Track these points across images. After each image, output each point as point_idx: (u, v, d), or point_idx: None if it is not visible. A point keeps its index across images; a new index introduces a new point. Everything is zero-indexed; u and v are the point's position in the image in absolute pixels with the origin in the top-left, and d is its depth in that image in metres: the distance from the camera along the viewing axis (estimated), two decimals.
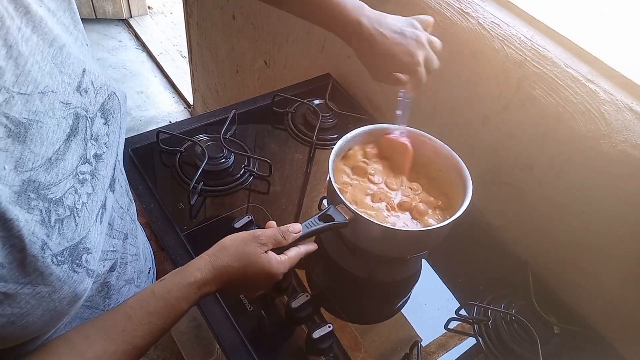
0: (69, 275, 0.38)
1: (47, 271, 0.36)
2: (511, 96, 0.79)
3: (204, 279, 0.51)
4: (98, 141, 0.43)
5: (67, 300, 0.39)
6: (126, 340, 0.44)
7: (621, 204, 0.70)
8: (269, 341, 0.69)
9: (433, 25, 0.72)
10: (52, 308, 0.38)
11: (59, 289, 0.38)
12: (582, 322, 0.79)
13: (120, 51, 2.78)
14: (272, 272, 0.55)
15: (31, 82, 0.34)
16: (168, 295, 0.48)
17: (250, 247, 0.54)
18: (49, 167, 0.36)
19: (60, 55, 0.37)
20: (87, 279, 0.41)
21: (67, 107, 0.38)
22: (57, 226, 0.37)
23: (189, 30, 1.98)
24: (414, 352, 0.70)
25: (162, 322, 0.47)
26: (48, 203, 0.36)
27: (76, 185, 0.39)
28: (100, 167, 0.43)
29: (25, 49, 0.33)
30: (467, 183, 0.71)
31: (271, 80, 1.50)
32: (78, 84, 0.39)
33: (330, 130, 1.01)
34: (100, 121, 0.43)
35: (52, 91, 0.36)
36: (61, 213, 0.37)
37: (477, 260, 0.86)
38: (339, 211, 0.65)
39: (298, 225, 0.60)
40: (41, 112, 0.35)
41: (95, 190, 0.42)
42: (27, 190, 0.34)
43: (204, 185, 0.85)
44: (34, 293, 0.36)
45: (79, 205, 0.39)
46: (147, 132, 0.92)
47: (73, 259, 0.39)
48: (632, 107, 0.66)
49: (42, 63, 0.35)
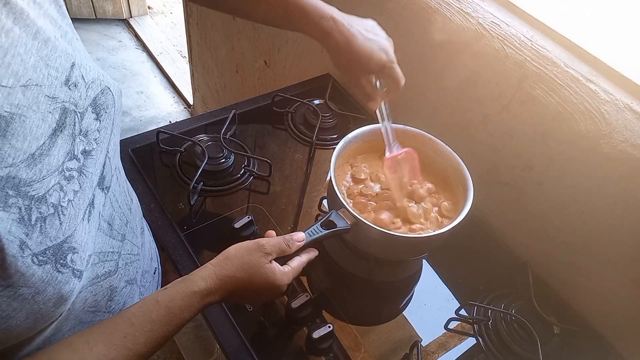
0: (53, 275, 0.37)
1: (28, 272, 0.35)
2: (511, 96, 0.79)
3: (207, 288, 0.50)
4: (87, 137, 0.41)
5: (52, 302, 0.38)
6: (127, 347, 0.44)
7: (621, 204, 0.70)
8: (269, 341, 0.69)
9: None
10: (36, 310, 0.37)
11: (43, 290, 0.37)
12: (582, 322, 0.79)
13: (120, 51, 2.78)
14: (276, 283, 0.55)
15: (12, 75, 0.33)
16: (171, 303, 0.48)
17: (254, 256, 0.54)
18: (32, 163, 0.35)
19: (46, 48, 0.36)
20: (73, 279, 0.40)
21: (53, 102, 0.36)
22: (38, 224, 0.35)
23: (189, 30, 1.98)
24: (414, 352, 0.70)
25: (164, 330, 0.47)
26: (29, 200, 0.35)
27: (62, 182, 0.38)
28: (89, 164, 0.42)
29: (5, 41, 0.32)
30: (468, 183, 0.71)
31: (271, 80, 1.50)
32: (66, 78, 0.38)
33: (330, 130, 1.01)
34: (91, 116, 0.41)
35: (36, 84, 0.35)
36: (44, 211, 0.36)
37: (477, 260, 0.86)
38: (340, 216, 0.65)
39: (301, 234, 0.60)
40: (24, 105, 0.34)
41: (83, 187, 0.41)
42: (5, 187, 0.33)
43: (204, 185, 0.85)
44: (16, 295, 0.35)
45: (64, 203, 0.38)
46: (147, 132, 0.92)
47: (57, 259, 0.37)
48: (632, 107, 0.66)
49: (24, 56, 0.34)
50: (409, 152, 0.74)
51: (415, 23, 0.90)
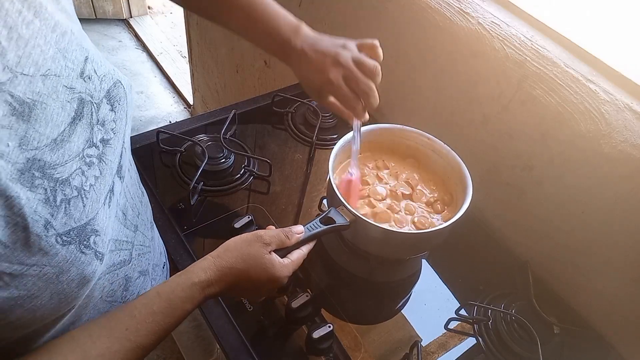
0: (76, 256, 0.38)
1: (52, 251, 0.36)
2: (511, 96, 0.79)
3: (208, 279, 0.51)
4: (105, 126, 0.43)
5: (75, 283, 0.39)
6: (130, 339, 0.44)
7: (621, 204, 0.70)
8: (269, 341, 0.69)
9: (375, 48, 0.64)
10: (60, 290, 0.38)
11: (66, 270, 0.38)
12: (582, 322, 0.79)
13: (120, 51, 2.78)
14: (276, 274, 0.55)
15: (32, 64, 0.34)
16: (172, 295, 0.49)
17: (254, 247, 0.55)
18: (55, 148, 0.36)
19: (63, 41, 0.37)
20: (95, 260, 0.41)
21: (71, 92, 0.38)
22: (63, 206, 0.37)
23: (189, 30, 1.98)
24: (414, 352, 0.70)
25: (165, 322, 0.47)
26: (54, 182, 0.36)
27: (83, 167, 0.39)
28: (108, 152, 0.43)
29: (26, 32, 0.34)
30: (467, 183, 0.71)
31: (271, 80, 1.50)
32: (81, 71, 0.39)
33: (330, 130, 1.01)
34: (107, 107, 0.43)
35: (55, 75, 0.36)
36: (68, 193, 0.37)
37: (477, 260, 0.86)
38: (339, 213, 0.66)
39: (300, 227, 0.60)
40: (45, 94, 0.35)
41: (103, 173, 0.42)
42: (32, 168, 0.34)
43: (204, 185, 0.85)
44: (41, 274, 0.36)
45: (86, 187, 0.39)
46: (147, 132, 0.92)
47: (81, 240, 0.39)
48: (632, 107, 0.66)
49: (44, 47, 0.35)
50: (356, 181, 0.73)
51: (415, 23, 0.90)
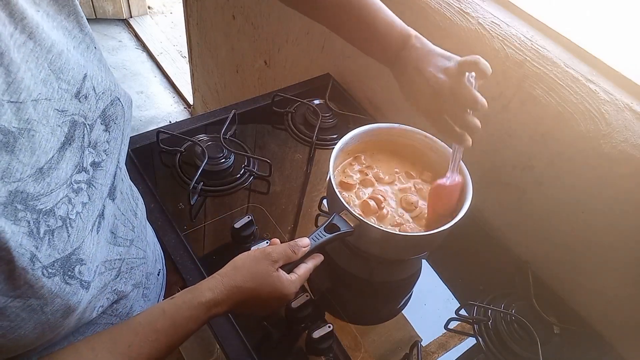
0: (61, 287, 0.38)
1: (37, 284, 0.35)
2: (511, 96, 0.79)
3: (214, 299, 0.50)
4: (97, 149, 0.42)
5: (60, 313, 0.39)
6: (132, 356, 0.44)
7: (621, 204, 0.70)
8: (269, 341, 0.69)
9: (477, 64, 0.60)
10: (44, 321, 0.37)
11: (51, 301, 0.37)
12: (582, 322, 0.79)
13: (120, 51, 2.78)
14: (284, 291, 0.54)
15: (24, 89, 0.33)
16: (177, 314, 0.48)
17: (262, 265, 0.54)
18: (40, 177, 0.35)
19: (59, 61, 0.36)
20: (80, 290, 0.40)
21: (62, 115, 0.37)
22: (46, 237, 0.36)
23: (189, 30, 1.98)
24: (414, 352, 0.70)
25: (168, 340, 0.47)
26: (37, 214, 0.35)
27: (70, 195, 0.38)
28: (99, 176, 0.42)
29: (18, 56, 0.33)
30: (467, 183, 0.71)
31: (271, 80, 1.50)
32: (77, 90, 0.38)
33: (330, 130, 1.01)
34: (101, 128, 0.42)
35: (46, 99, 0.35)
36: (52, 224, 0.36)
37: (477, 260, 0.86)
38: (343, 219, 0.65)
39: (306, 240, 0.60)
40: (34, 120, 0.34)
41: (92, 199, 0.41)
42: (14, 201, 0.33)
43: (204, 185, 0.85)
44: (25, 306, 0.35)
45: (72, 215, 0.38)
46: (147, 132, 0.92)
47: (65, 271, 0.38)
48: (632, 107, 0.66)
49: (35, 70, 0.34)
50: (457, 185, 0.70)
51: (415, 23, 0.89)
